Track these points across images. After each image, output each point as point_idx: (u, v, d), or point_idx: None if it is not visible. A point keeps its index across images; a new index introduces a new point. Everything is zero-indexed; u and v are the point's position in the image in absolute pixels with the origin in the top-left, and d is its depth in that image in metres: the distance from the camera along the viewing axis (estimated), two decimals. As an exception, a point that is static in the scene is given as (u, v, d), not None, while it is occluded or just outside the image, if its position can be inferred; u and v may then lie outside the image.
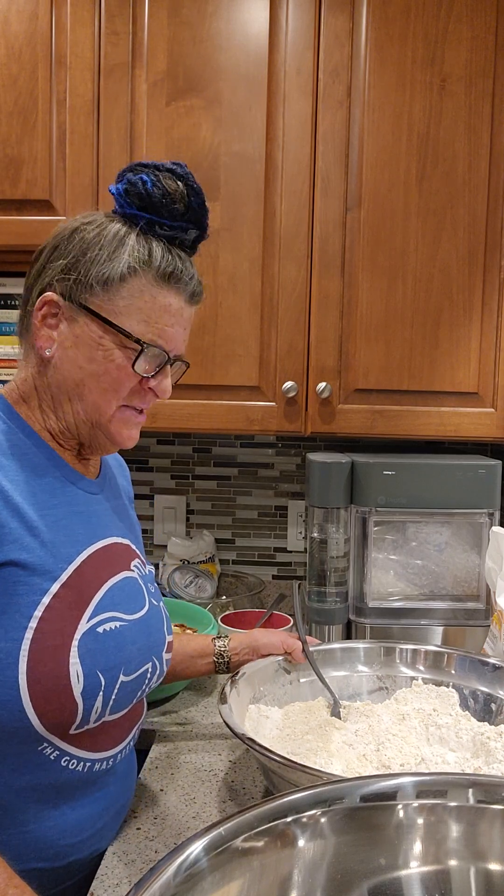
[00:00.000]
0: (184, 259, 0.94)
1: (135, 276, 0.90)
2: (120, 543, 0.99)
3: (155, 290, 0.91)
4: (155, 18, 1.53)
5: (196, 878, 0.51)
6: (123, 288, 0.90)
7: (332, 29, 1.52)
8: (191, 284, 0.94)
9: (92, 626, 0.87)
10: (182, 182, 0.91)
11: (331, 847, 0.58)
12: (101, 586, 0.91)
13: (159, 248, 0.92)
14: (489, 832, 0.61)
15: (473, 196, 1.54)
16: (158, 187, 0.90)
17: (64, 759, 0.87)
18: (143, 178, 0.91)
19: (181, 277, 0.93)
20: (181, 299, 0.94)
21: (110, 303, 0.90)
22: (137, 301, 0.91)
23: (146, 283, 0.91)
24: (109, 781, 0.94)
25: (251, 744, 0.92)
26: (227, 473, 1.99)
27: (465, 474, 1.52)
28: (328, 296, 1.57)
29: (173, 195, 0.91)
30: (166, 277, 0.92)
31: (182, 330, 0.96)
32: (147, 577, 1.04)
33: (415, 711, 1.13)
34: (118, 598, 0.93)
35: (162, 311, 0.92)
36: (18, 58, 1.54)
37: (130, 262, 0.90)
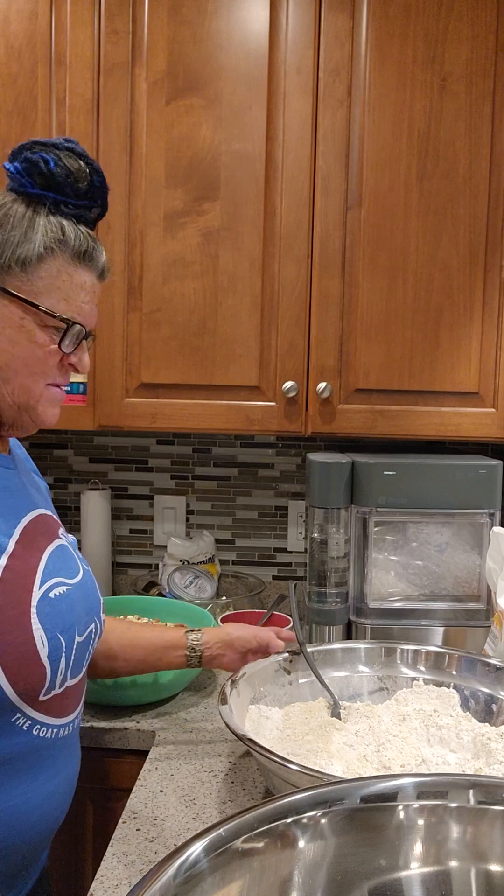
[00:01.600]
0: (93, 237, 0.95)
1: (52, 255, 0.91)
2: (46, 514, 1.02)
3: (71, 269, 0.93)
4: (155, 17, 1.53)
5: (196, 879, 0.51)
6: (41, 268, 0.91)
7: (332, 28, 1.52)
8: (101, 261, 0.96)
9: (44, 591, 0.90)
10: (83, 161, 0.92)
11: (331, 848, 0.58)
12: (42, 555, 0.94)
13: (70, 227, 0.92)
14: (490, 833, 0.61)
15: (474, 195, 1.54)
16: (61, 167, 0.91)
17: (35, 727, 0.90)
18: (44, 157, 0.91)
19: (93, 255, 0.94)
20: (93, 276, 0.96)
21: (29, 283, 0.91)
22: (56, 280, 0.92)
23: (63, 262, 0.92)
24: (68, 752, 0.98)
25: (251, 744, 0.92)
26: (227, 473, 1.99)
27: (465, 474, 1.52)
28: (328, 295, 1.56)
29: (76, 174, 0.92)
30: (81, 256, 0.93)
31: (94, 306, 0.98)
32: (73, 544, 1.07)
33: (415, 712, 1.12)
34: (58, 564, 0.96)
35: (79, 289, 0.94)
36: (18, 57, 1.53)
37: (46, 241, 0.90)
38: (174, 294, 1.58)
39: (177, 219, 1.56)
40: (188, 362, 1.59)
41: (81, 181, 0.92)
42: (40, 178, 0.91)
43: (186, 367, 1.59)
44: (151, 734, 1.31)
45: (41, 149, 0.91)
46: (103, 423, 1.61)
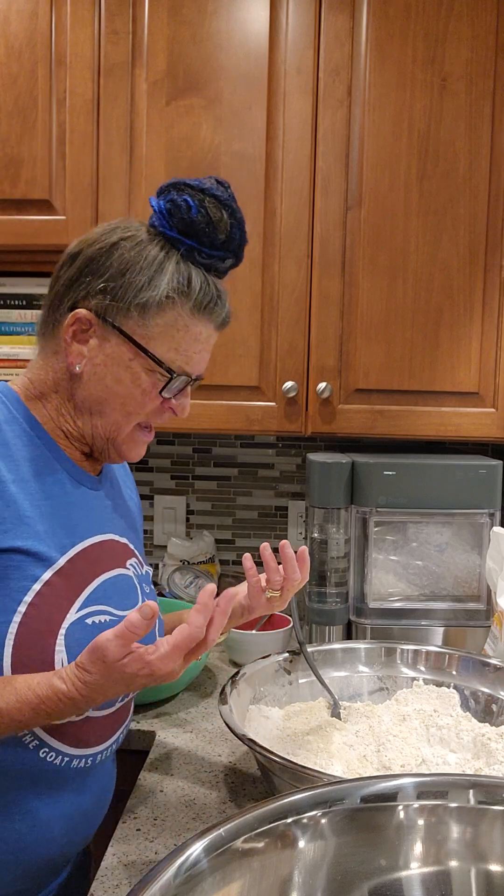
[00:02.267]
0: (219, 288, 0.95)
1: (172, 305, 0.91)
2: (117, 541, 1.00)
3: (189, 320, 0.92)
4: (155, 18, 1.53)
5: (196, 879, 0.51)
6: (159, 315, 0.91)
7: (332, 28, 1.52)
8: (223, 314, 0.96)
9: (81, 616, 0.87)
10: (226, 211, 0.91)
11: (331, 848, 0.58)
12: (94, 579, 0.91)
13: (198, 279, 0.92)
14: (490, 833, 0.61)
15: (474, 195, 1.54)
16: (203, 214, 0.89)
17: (43, 749, 0.87)
18: (187, 202, 0.89)
19: (215, 309, 0.94)
20: (211, 327, 0.96)
21: (144, 328, 0.91)
22: (171, 329, 0.91)
23: (182, 313, 0.91)
24: (86, 784, 0.94)
25: (251, 744, 0.92)
26: (227, 474, 1.99)
27: (465, 474, 1.52)
28: (328, 295, 1.56)
29: (217, 223, 0.90)
30: (202, 308, 0.92)
31: (207, 354, 0.98)
32: (143, 577, 1.04)
33: (415, 712, 1.12)
34: (110, 592, 0.93)
35: (193, 341, 0.93)
36: (18, 57, 1.53)
37: (169, 290, 0.90)
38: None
39: (177, 219, 1.56)
40: (188, 362, 1.59)
41: (221, 232, 0.91)
42: (180, 222, 0.90)
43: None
44: (151, 734, 1.31)
45: (188, 191, 0.90)
46: (103, 423, 1.61)
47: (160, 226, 0.91)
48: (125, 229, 0.93)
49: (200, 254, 0.92)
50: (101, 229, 0.94)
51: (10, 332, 1.63)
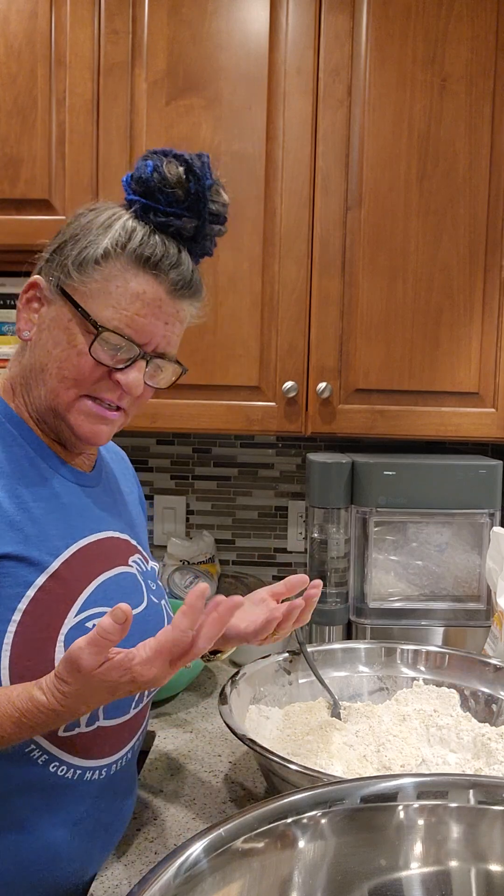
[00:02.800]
0: (168, 244, 0.87)
1: (109, 258, 0.85)
2: (118, 538, 0.96)
3: (129, 275, 0.85)
4: (155, 17, 1.53)
5: (196, 879, 0.51)
6: (97, 271, 0.85)
7: (332, 28, 1.52)
8: (173, 274, 0.86)
9: (81, 620, 0.83)
10: (184, 166, 0.86)
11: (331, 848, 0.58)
12: (93, 580, 0.87)
13: (142, 232, 0.86)
14: (490, 833, 0.61)
15: (474, 195, 1.54)
16: (159, 172, 0.85)
17: (53, 764, 0.83)
18: (147, 163, 0.86)
19: (160, 264, 0.86)
20: (160, 289, 0.86)
21: (83, 285, 0.85)
22: (109, 285, 0.85)
23: (120, 266, 0.85)
24: (103, 795, 0.89)
25: (251, 744, 0.92)
26: (227, 474, 1.99)
27: (465, 474, 1.52)
28: (328, 295, 1.56)
29: (171, 179, 0.85)
30: (141, 261, 0.85)
31: (162, 324, 0.88)
32: (148, 573, 1.00)
33: (415, 712, 1.12)
34: (112, 592, 0.89)
35: (133, 298, 0.85)
36: (18, 57, 1.53)
37: (108, 244, 0.85)
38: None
39: (177, 219, 1.56)
40: (188, 362, 1.58)
41: (176, 186, 0.86)
42: (138, 184, 0.87)
43: (186, 367, 1.58)
44: (151, 734, 1.31)
45: (153, 156, 0.87)
46: (103, 423, 1.61)
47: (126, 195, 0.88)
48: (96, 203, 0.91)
49: (156, 212, 0.86)
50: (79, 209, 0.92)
51: (11, 332, 1.63)
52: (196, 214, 0.88)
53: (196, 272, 0.90)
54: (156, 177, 0.85)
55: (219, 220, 0.91)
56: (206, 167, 0.87)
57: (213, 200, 0.88)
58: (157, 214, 0.86)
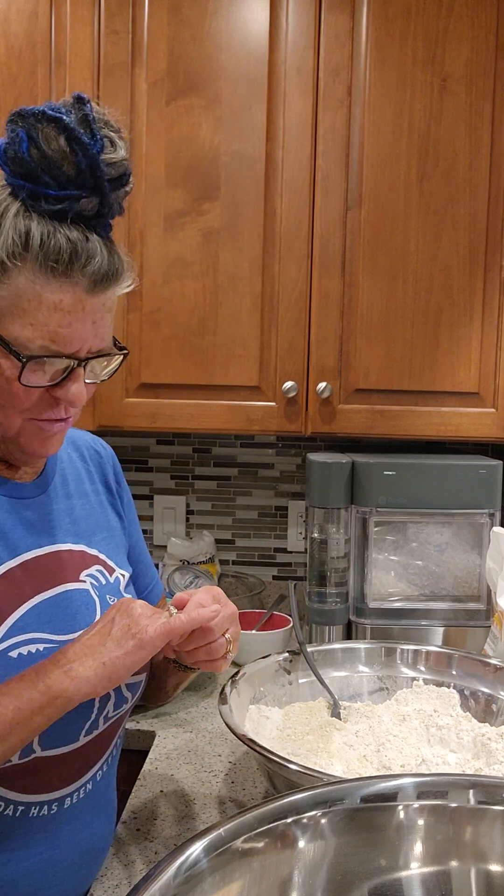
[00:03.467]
0: (75, 239, 0.73)
1: (10, 271, 0.72)
2: (66, 551, 0.86)
3: (38, 286, 0.72)
4: (155, 18, 1.53)
5: (196, 879, 0.51)
6: (1, 287, 0.73)
7: (332, 28, 1.52)
8: (88, 270, 0.74)
9: (2, 650, 0.76)
10: (66, 136, 0.70)
11: (331, 848, 0.58)
12: (21, 604, 0.79)
13: (39, 231, 0.72)
14: (490, 833, 0.61)
15: (474, 195, 1.54)
16: (36, 147, 0.70)
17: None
18: (19, 135, 0.70)
19: (70, 266, 0.73)
20: (78, 291, 0.74)
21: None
22: (20, 301, 0.73)
23: (25, 279, 0.72)
24: (56, 831, 0.81)
25: (251, 744, 0.92)
26: (227, 474, 1.99)
27: (465, 474, 1.52)
28: (328, 295, 1.56)
29: (55, 156, 0.70)
30: (48, 269, 0.72)
31: (90, 325, 0.76)
32: (108, 586, 0.90)
33: (415, 712, 1.12)
34: (48, 615, 0.81)
35: (51, 311, 0.73)
36: (18, 57, 1.53)
37: (3, 255, 0.72)
38: (174, 294, 1.58)
39: (177, 219, 1.56)
40: (188, 362, 1.59)
41: (63, 165, 0.71)
42: (15, 163, 0.71)
43: (186, 367, 1.59)
44: (151, 734, 1.31)
45: (23, 122, 0.71)
46: (103, 423, 1.61)
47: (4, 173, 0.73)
48: None
49: (47, 199, 0.72)
50: None
51: None
52: (95, 190, 0.73)
53: (112, 253, 0.77)
54: (34, 154, 0.70)
55: (122, 181, 0.75)
56: (88, 123, 0.72)
57: (109, 164, 0.73)
58: (49, 201, 0.72)
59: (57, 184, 0.71)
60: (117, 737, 0.91)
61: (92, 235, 0.75)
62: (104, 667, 0.73)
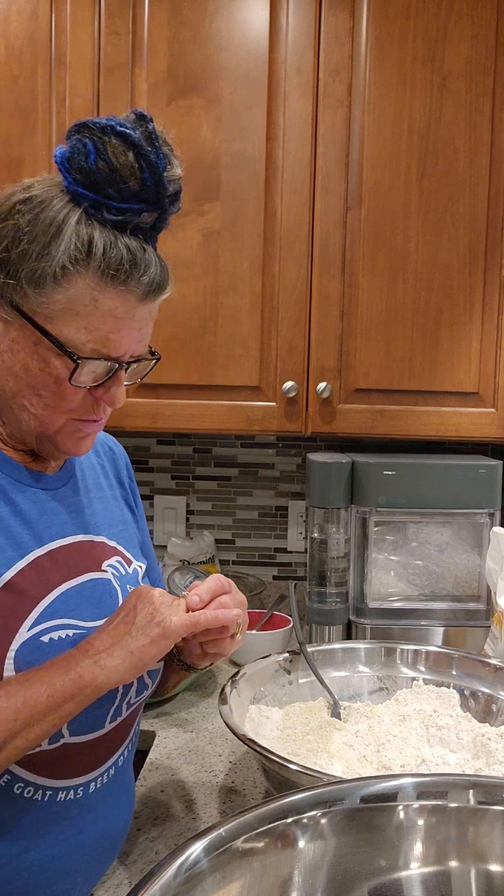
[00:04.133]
0: (134, 250, 0.78)
1: (71, 276, 0.76)
2: (89, 541, 0.89)
3: (96, 293, 0.77)
4: (155, 18, 1.53)
5: (196, 879, 0.51)
6: (58, 290, 0.76)
7: (332, 28, 1.52)
8: (145, 279, 0.78)
9: (34, 634, 0.78)
10: (134, 151, 0.74)
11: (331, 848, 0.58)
12: (52, 590, 0.81)
13: (102, 240, 0.76)
14: (490, 833, 0.61)
15: (474, 194, 1.54)
16: (104, 159, 0.73)
17: (17, 785, 0.78)
18: (87, 146, 0.74)
19: (129, 275, 0.77)
20: (132, 299, 0.79)
21: (45, 306, 0.77)
22: (76, 305, 0.77)
23: (84, 284, 0.76)
24: (81, 815, 0.84)
25: (251, 744, 0.92)
26: (227, 474, 1.99)
27: (465, 474, 1.52)
28: (328, 295, 1.56)
29: (122, 170, 0.74)
30: (108, 277, 0.76)
31: (136, 331, 0.81)
32: (128, 577, 0.93)
33: (415, 712, 1.12)
34: (75, 602, 0.83)
35: (105, 317, 0.78)
36: (18, 58, 1.53)
37: (65, 259, 0.75)
38: (175, 294, 1.56)
39: (177, 219, 1.55)
40: (189, 362, 1.59)
41: (129, 179, 0.75)
42: (80, 172, 0.75)
43: (187, 368, 1.59)
44: (151, 734, 1.31)
45: (89, 133, 0.74)
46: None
47: (65, 180, 0.77)
48: (29, 187, 0.79)
49: (109, 209, 0.76)
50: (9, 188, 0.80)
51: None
52: (156, 206, 0.78)
53: (162, 264, 0.82)
54: (101, 166, 0.74)
55: (177, 197, 0.80)
56: (153, 141, 0.75)
57: (170, 181, 0.77)
58: (111, 212, 0.76)
59: (120, 196, 0.75)
60: (136, 723, 0.94)
61: (147, 247, 0.80)
62: (131, 655, 0.76)
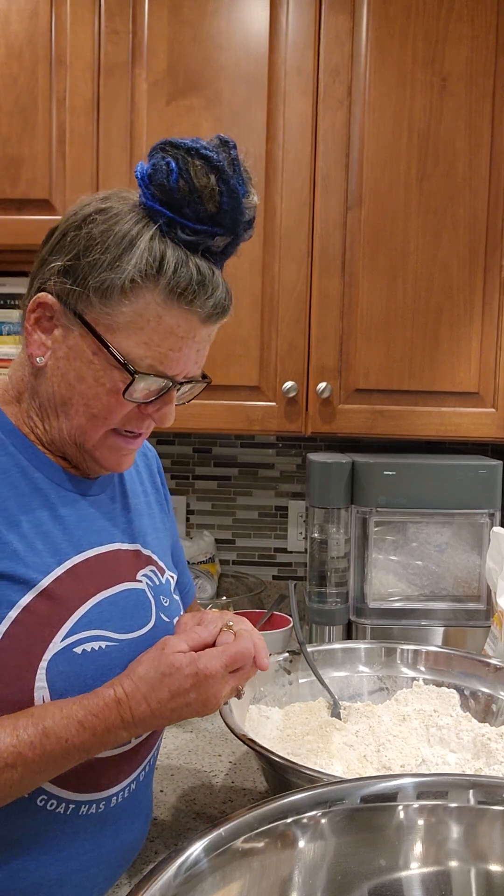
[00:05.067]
0: (203, 271, 0.79)
1: (139, 290, 0.76)
2: (125, 550, 0.88)
3: (162, 310, 0.77)
4: (155, 17, 1.53)
5: (196, 879, 0.51)
6: (124, 303, 0.77)
7: (332, 28, 1.52)
8: (210, 301, 0.80)
9: (68, 644, 0.76)
10: (216, 175, 0.74)
11: (331, 848, 0.58)
12: (87, 600, 0.80)
13: (174, 258, 0.76)
14: (490, 833, 0.61)
15: (474, 195, 1.54)
16: (185, 179, 0.74)
17: (41, 797, 0.76)
18: (170, 165, 0.75)
19: (196, 296, 0.78)
20: (195, 320, 0.79)
21: (108, 317, 0.77)
22: (139, 320, 0.77)
23: (151, 299, 0.77)
24: (102, 830, 0.82)
25: (252, 744, 0.92)
26: (227, 473, 1.99)
27: (465, 474, 1.52)
28: (328, 295, 1.56)
29: (202, 192, 0.75)
30: (176, 295, 0.77)
31: (194, 352, 0.82)
32: (161, 587, 0.91)
33: (415, 712, 1.12)
34: (109, 613, 0.81)
35: (167, 334, 0.78)
36: (18, 57, 1.53)
37: (135, 273, 0.76)
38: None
39: (177, 219, 1.56)
40: (188, 362, 1.59)
41: (208, 202, 0.75)
42: (160, 190, 0.76)
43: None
44: (151, 734, 1.31)
45: (173, 151, 0.76)
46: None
47: (142, 195, 0.78)
48: (106, 199, 0.81)
49: (184, 229, 0.76)
50: (86, 199, 0.82)
51: (11, 332, 1.63)
52: (230, 231, 0.79)
53: (228, 289, 0.83)
54: (182, 185, 0.75)
55: (251, 224, 0.81)
56: (236, 167, 0.76)
57: (248, 208, 0.78)
58: (186, 232, 0.77)
59: (197, 218, 0.76)
60: (159, 738, 0.93)
61: (216, 270, 0.81)
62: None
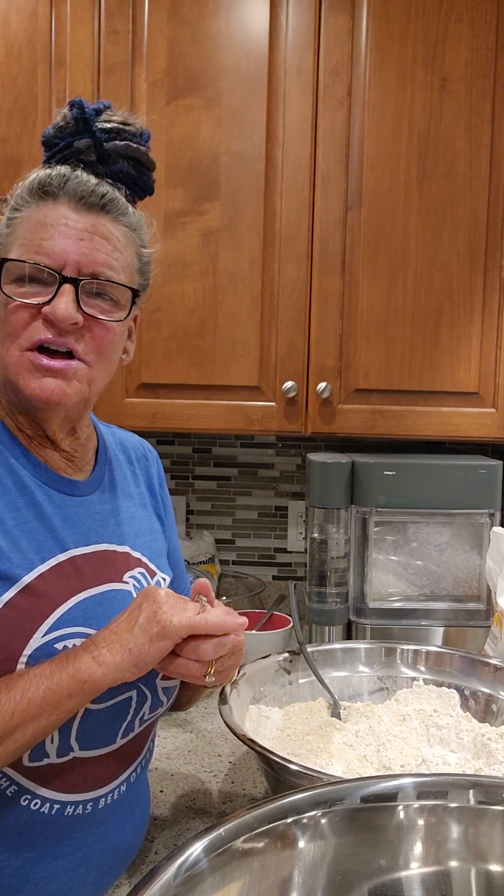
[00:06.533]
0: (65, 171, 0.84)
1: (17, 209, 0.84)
2: (112, 551, 0.89)
3: (30, 212, 0.82)
4: (155, 17, 1.53)
5: (196, 879, 0.51)
6: (11, 224, 0.84)
7: (332, 28, 1.52)
8: (69, 188, 0.82)
9: (49, 640, 0.77)
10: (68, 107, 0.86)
11: (331, 848, 0.58)
12: (69, 598, 0.81)
13: (42, 171, 0.84)
14: (490, 833, 0.61)
15: (474, 195, 1.54)
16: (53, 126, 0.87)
17: (24, 797, 0.77)
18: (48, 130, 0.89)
19: (51, 184, 0.82)
20: (60, 208, 0.81)
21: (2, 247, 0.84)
22: (18, 229, 0.83)
23: (26, 213, 0.83)
24: (90, 831, 0.82)
25: (251, 744, 0.92)
26: (227, 474, 1.99)
27: (465, 474, 1.52)
28: (328, 295, 1.56)
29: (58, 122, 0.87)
30: (34, 192, 0.83)
31: (75, 241, 0.81)
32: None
33: (415, 712, 1.12)
34: (93, 612, 0.82)
35: (37, 227, 0.81)
36: (18, 57, 1.53)
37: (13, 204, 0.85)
38: (174, 294, 1.57)
39: (177, 219, 1.56)
40: (188, 362, 1.59)
41: (64, 124, 0.86)
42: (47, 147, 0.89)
43: (186, 367, 1.59)
44: (151, 734, 1.31)
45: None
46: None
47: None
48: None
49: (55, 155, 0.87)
50: None
51: None
52: (85, 130, 0.85)
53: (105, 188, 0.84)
54: (50, 132, 0.87)
55: (120, 135, 0.87)
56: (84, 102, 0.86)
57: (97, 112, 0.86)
58: (56, 156, 0.87)
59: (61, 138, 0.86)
60: (150, 740, 0.92)
61: (81, 170, 0.84)
62: (130, 653, 0.74)
